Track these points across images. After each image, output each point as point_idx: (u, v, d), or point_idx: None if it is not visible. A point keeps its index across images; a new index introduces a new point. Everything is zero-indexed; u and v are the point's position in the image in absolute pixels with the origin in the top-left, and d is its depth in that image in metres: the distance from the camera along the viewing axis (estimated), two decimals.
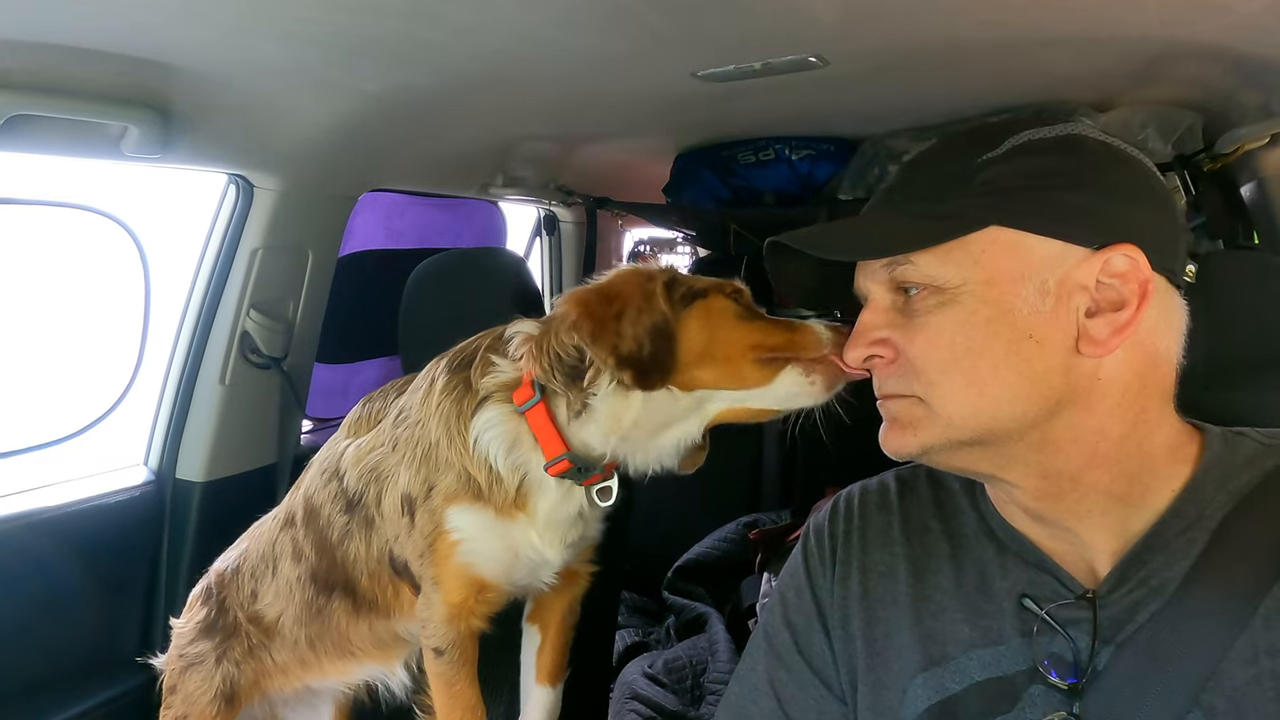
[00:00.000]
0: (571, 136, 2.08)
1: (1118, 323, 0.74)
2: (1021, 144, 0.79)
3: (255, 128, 1.50)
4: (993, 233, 0.76)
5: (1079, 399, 0.76)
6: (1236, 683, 0.70)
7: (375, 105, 1.50)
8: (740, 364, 1.04)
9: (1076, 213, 0.76)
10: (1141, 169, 0.80)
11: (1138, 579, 0.76)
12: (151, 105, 1.29)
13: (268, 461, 1.87)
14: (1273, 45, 1.28)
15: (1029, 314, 0.75)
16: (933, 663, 0.83)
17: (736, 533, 2.61)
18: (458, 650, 1.13)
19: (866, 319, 0.84)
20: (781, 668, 0.94)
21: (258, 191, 1.68)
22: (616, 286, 1.06)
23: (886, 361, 0.82)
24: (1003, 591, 0.83)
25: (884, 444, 0.84)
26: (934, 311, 0.77)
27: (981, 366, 0.76)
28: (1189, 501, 0.77)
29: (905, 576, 0.89)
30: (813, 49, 1.32)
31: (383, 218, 2.35)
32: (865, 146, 2.18)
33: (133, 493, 1.72)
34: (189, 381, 1.76)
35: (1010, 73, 1.55)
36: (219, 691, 1.29)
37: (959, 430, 0.78)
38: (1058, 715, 0.76)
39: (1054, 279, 0.75)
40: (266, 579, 1.29)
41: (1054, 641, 0.78)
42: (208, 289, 1.74)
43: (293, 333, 1.84)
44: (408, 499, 1.12)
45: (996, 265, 0.76)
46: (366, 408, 1.27)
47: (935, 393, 0.78)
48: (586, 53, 1.30)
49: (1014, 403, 0.75)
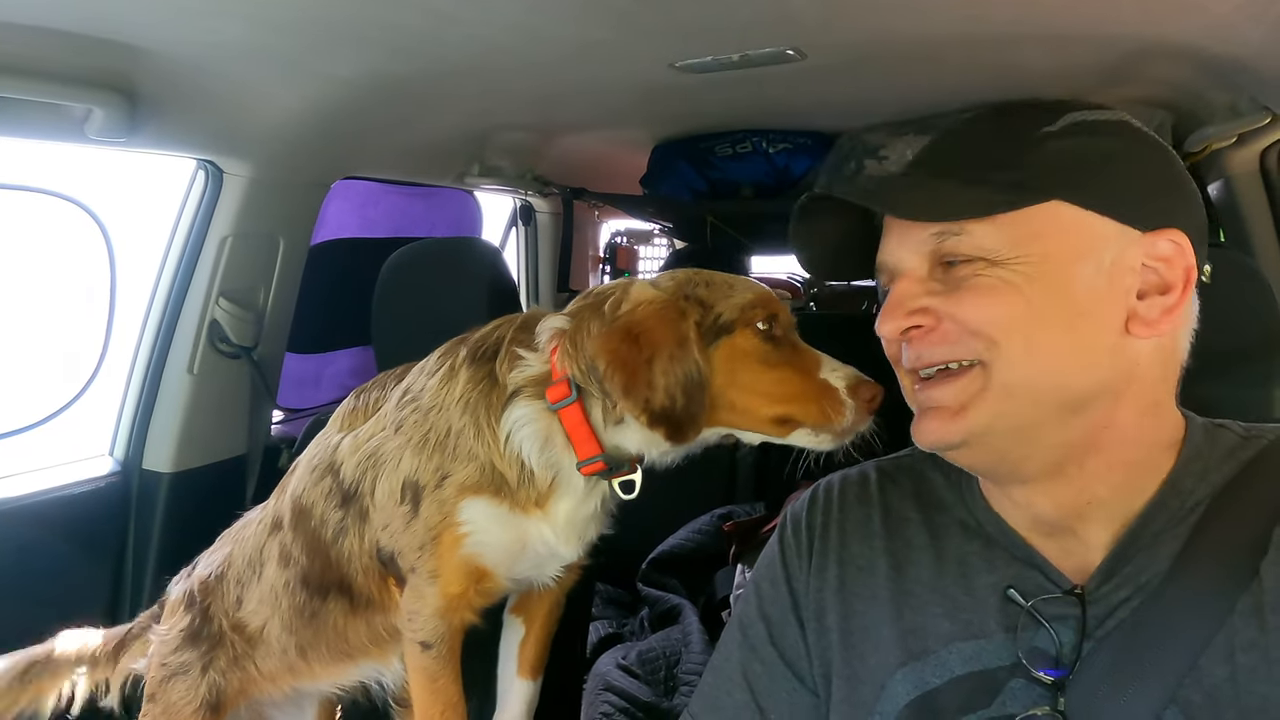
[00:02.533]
0: (549, 126, 2.07)
1: (1166, 305, 0.75)
2: (1079, 122, 0.78)
3: (224, 112, 1.47)
4: (1055, 207, 0.75)
5: (1118, 385, 0.76)
6: (1214, 678, 0.70)
7: (348, 91, 1.47)
8: (755, 417, 1.03)
9: (1133, 194, 0.76)
10: (1177, 161, 0.81)
11: (1124, 574, 0.77)
12: (117, 87, 1.26)
13: (237, 452, 1.84)
14: (1242, 45, 1.29)
15: (1085, 291, 0.74)
16: (913, 657, 0.83)
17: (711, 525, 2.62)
18: (445, 645, 1.11)
19: (904, 288, 0.80)
20: (755, 659, 0.94)
21: (227, 178, 1.65)
22: (648, 326, 1.00)
23: (928, 330, 0.79)
24: (987, 585, 0.82)
25: (923, 436, 0.81)
26: (984, 275, 0.75)
27: (1041, 335, 0.74)
28: (1171, 492, 0.77)
29: (885, 570, 0.88)
30: (791, 41, 1.32)
31: (356, 206, 2.32)
32: (842, 141, 2.18)
33: (97, 483, 1.69)
34: (156, 370, 1.73)
35: (986, 68, 1.57)
36: (204, 701, 1.26)
37: (1013, 403, 0.75)
38: (1041, 709, 0.76)
39: (1109, 259, 0.75)
40: (252, 586, 1.26)
41: (1038, 636, 0.78)
42: (175, 276, 1.71)
43: (263, 322, 1.81)
44: (411, 485, 1.08)
45: (1057, 240, 0.75)
46: (362, 399, 1.23)
47: (998, 354, 0.75)
48: (564, 41, 1.29)
49: (1068, 377, 0.75)
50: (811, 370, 1.02)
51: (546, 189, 2.53)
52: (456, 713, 1.13)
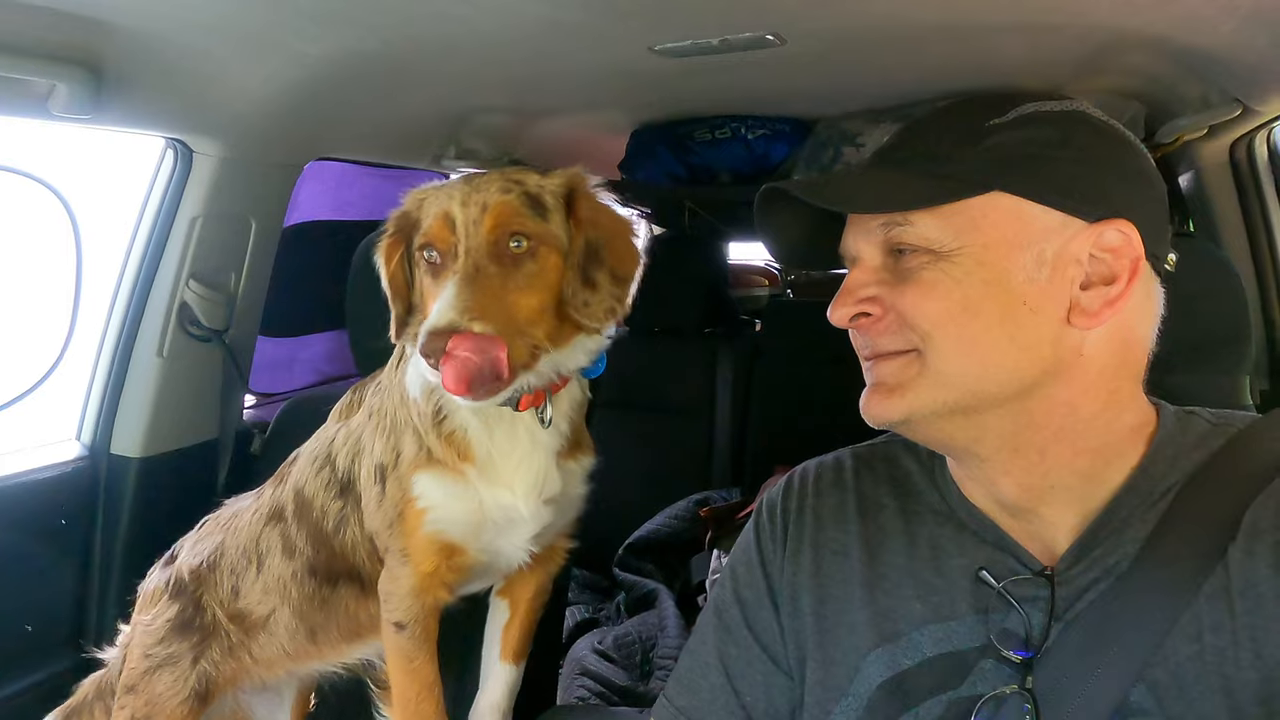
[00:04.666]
0: (526, 109, 2.05)
1: (1109, 296, 0.76)
2: (1028, 114, 0.79)
3: (193, 90, 1.44)
4: (995, 198, 0.77)
5: (1062, 373, 0.77)
6: (1180, 658, 0.71)
7: (321, 70, 1.45)
8: None
9: (1077, 185, 0.76)
10: (1137, 152, 0.81)
11: (1093, 557, 0.78)
12: (81, 62, 1.23)
13: (208, 437, 1.82)
14: (1213, 37, 1.31)
15: (1025, 282, 0.76)
16: (885, 639, 0.84)
17: (687, 510, 2.64)
18: (420, 625, 1.11)
19: (856, 277, 0.83)
20: (730, 642, 0.95)
21: (197, 157, 1.62)
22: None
23: (875, 319, 0.81)
24: (958, 568, 0.84)
25: (866, 410, 0.83)
26: (929, 270, 0.77)
27: (975, 326, 0.76)
28: (1142, 479, 0.79)
29: (859, 554, 0.89)
30: (771, 26, 1.32)
31: (330, 188, 2.29)
32: (820, 128, 2.18)
33: (64, 468, 1.66)
34: (124, 353, 1.70)
35: (962, 57, 1.57)
36: (193, 691, 1.25)
37: (948, 390, 0.78)
38: (1009, 688, 0.77)
39: (1052, 250, 0.76)
40: (250, 576, 1.25)
41: (1008, 617, 0.80)
42: (144, 258, 1.68)
43: (235, 304, 1.79)
44: (380, 467, 1.10)
45: (997, 231, 0.76)
46: (358, 394, 1.25)
47: (931, 346, 0.78)
48: (542, 22, 1.28)
49: (1003, 368, 0.76)
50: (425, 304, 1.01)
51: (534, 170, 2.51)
52: (433, 694, 1.14)
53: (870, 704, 0.84)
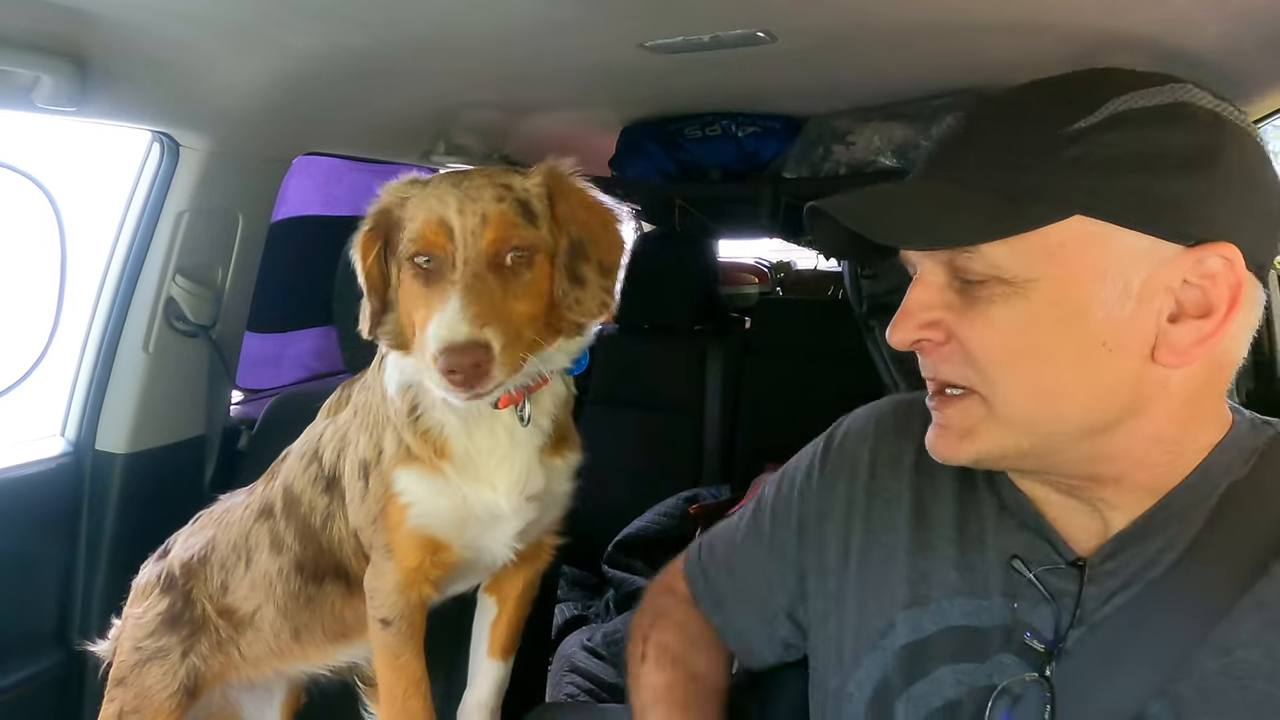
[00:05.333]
0: (516, 105, 2.04)
1: (1202, 332, 0.67)
2: (1123, 111, 0.67)
3: (180, 83, 1.43)
4: (1076, 223, 0.66)
5: (1145, 408, 0.70)
6: (1205, 672, 0.68)
7: (310, 64, 1.44)
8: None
9: (1176, 203, 0.66)
10: (1251, 144, 0.69)
11: (1130, 554, 0.74)
12: (66, 54, 1.22)
13: (195, 433, 1.81)
14: (1201, 38, 1.32)
15: (1104, 318, 0.67)
16: (918, 601, 0.83)
17: (676, 508, 2.63)
18: (405, 622, 1.11)
19: (916, 296, 0.74)
20: (753, 540, 1.02)
21: (184, 151, 1.61)
22: None
23: (937, 344, 0.74)
24: (994, 548, 0.82)
25: (933, 449, 0.78)
26: (998, 301, 0.69)
27: (1046, 373, 0.69)
28: (1201, 480, 0.73)
29: (908, 508, 0.87)
30: (761, 23, 1.32)
31: (319, 183, 2.28)
32: (810, 125, 2.19)
33: (48, 464, 1.64)
34: (110, 349, 1.68)
35: (952, 56, 1.58)
36: (182, 685, 1.25)
37: (1017, 436, 0.72)
38: (1029, 675, 0.75)
39: (1139, 279, 0.66)
40: (239, 571, 1.25)
41: (1036, 605, 0.77)
42: (129, 252, 1.66)
43: (222, 300, 1.77)
44: (363, 463, 1.10)
45: (1077, 261, 0.67)
46: (346, 390, 1.24)
47: (996, 392, 0.71)
48: (532, 18, 1.27)
49: (1075, 413, 0.70)
50: (425, 317, 0.98)
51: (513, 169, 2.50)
52: (420, 690, 1.13)
53: (893, 663, 0.83)
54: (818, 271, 4.57)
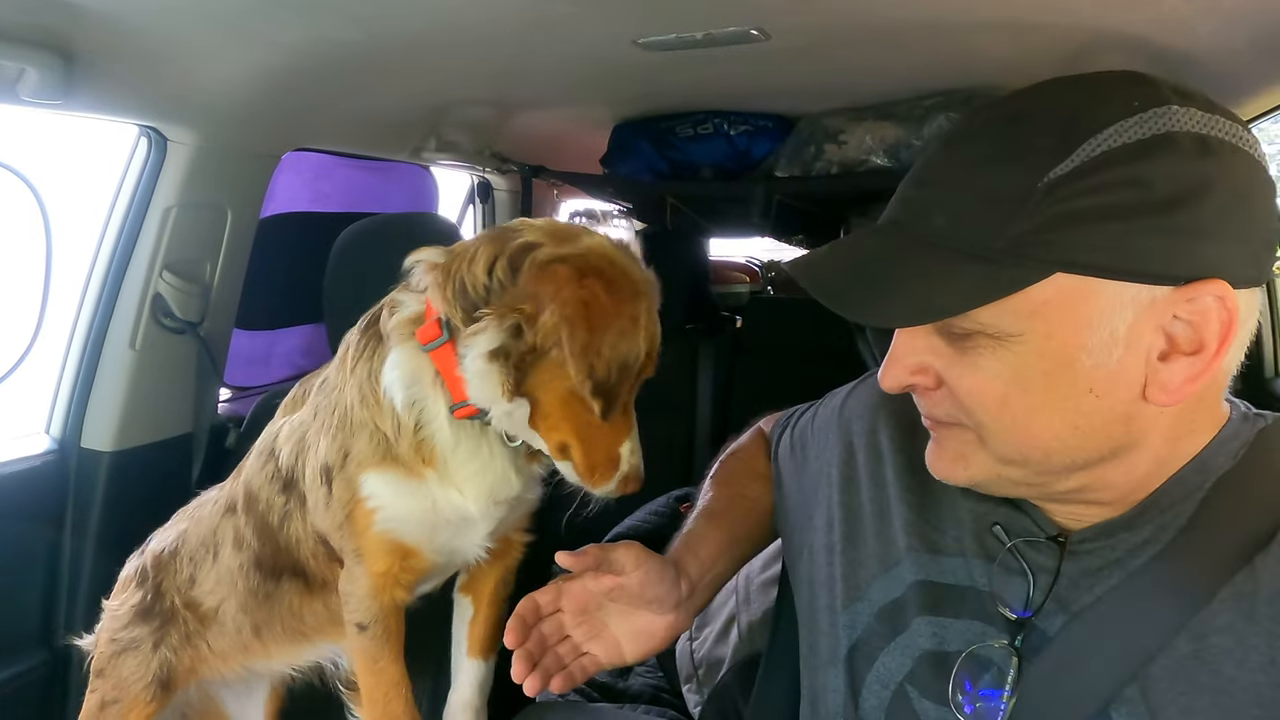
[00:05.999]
0: (508, 102, 2.03)
1: (1194, 369, 0.66)
2: (1100, 154, 0.64)
3: (168, 76, 1.42)
4: (1058, 280, 0.65)
5: (1138, 441, 0.71)
6: (1178, 654, 0.69)
7: (300, 59, 1.43)
8: (555, 433, 1.01)
9: (1160, 248, 0.64)
10: (1244, 164, 0.66)
11: (1115, 540, 0.75)
12: (51, 46, 1.20)
13: (182, 431, 1.79)
14: (1191, 38, 1.33)
15: (1092, 367, 0.67)
16: (912, 550, 0.86)
17: (668, 506, 2.63)
18: (381, 625, 1.10)
19: (904, 343, 0.75)
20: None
21: (171, 145, 1.59)
22: (617, 295, 0.94)
23: (927, 388, 0.75)
24: (977, 514, 0.83)
25: (931, 466, 0.79)
26: (984, 353, 0.69)
27: (1034, 419, 0.70)
28: (1185, 479, 0.74)
29: (898, 466, 0.92)
30: (755, 21, 1.31)
31: (308, 179, 2.26)
32: (802, 124, 2.19)
33: (33, 462, 1.62)
34: (96, 345, 1.67)
35: (945, 55, 1.58)
36: (155, 677, 1.25)
37: (1010, 468, 0.74)
38: (999, 642, 0.77)
39: (1125, 325, 0.65)
40: (206, 565, 1.25)
41: (1011, 576, 0.78)
42: (116, 248, 1.64)
43: (210, 296, 1.76)
44: (325, 468, 1.08)
45: (1060, 317, 0.66)
46: (303, 386, 1.23)
47: (986, 432, 0.72)
48: (525, 14, 1.27)
49: (1066, 454, 0.71)
50: (617, 438, 1.02)
51: (505, 166, 2.50)
52: (400, 693, 1.13)
53: (874, 612, 0.86)
54: None
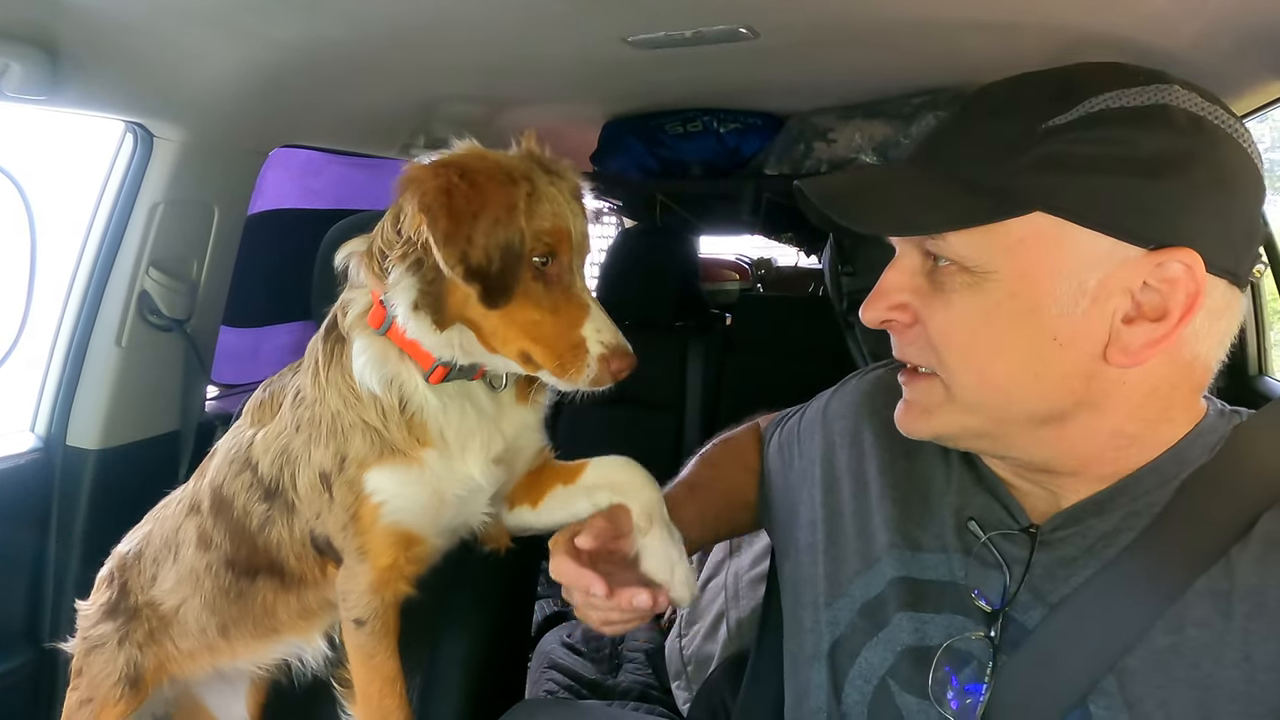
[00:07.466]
0: (497, 99, 2.03)
1: (1154, 335, 0.68)
2: (1098, 111, 0.67)
3: (154, 72, 1.41)
4: (1036, 220, 0.68)
5: (1101, 402, 0.72)
6: (1155, 647, 0.70)
7: (288, 55, 1.42)
8: (505, 344, 0.99)
9: (1140, 207, 0.66)
10: (1233, 151, 0.69)
11: (1084, 526, 0.76)
12: (36, 41, 1.19)
13: (169, 428, 1.78)
14: (1176, 39, 1.34)
15: (1058, 315, 0.69)
16: (893, 547, 0.87)
17: None
18: (379, 621, 1.11)
19: (890, 279, 0.78)
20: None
21: (158, 142, 1.58)
22: (481, 182, 0.93)
23: (904, 325, 0.78)
24: (953, 507, 0.85)
25: (898, 423, 0.82)
26: (959, 290, 0.72)
27: (997, 362, 0.72)
28: (1157, 470, 0.75)
29: (879, 464, 0.93)
30: (744, 19, 1.32)
31: (297, 175, 2.25)
32: (791, 122, 2.20)
33: (17, 460, 1.61)
34: (82, 343, 1.66)
35: (933, 55, 1.59)
36: (123, 674, 1.25)
37: (972, 417, 0.75)
38: (976, 634, 0.78)
39: (1095, 279, 0.68)
40: (167, 565, 1.25)
41: (987, 568, 0.80)
42: (102, 245, 1.63)
43: (196, 293, 1.75)
44: (324, 476, 1.08)
45: (1034, 257, 0.68)
46: (268, 391, 1.22)
47: (949, 373, 0.75)
48: (515, 11, 1.27)
49: (1024, 402, 0.72)
50: (572, 323, 0.98)
51: None
52: (395, 689, 1.13)
53: (857, 608, 0.87)
54: (798, 269, 4.59)
